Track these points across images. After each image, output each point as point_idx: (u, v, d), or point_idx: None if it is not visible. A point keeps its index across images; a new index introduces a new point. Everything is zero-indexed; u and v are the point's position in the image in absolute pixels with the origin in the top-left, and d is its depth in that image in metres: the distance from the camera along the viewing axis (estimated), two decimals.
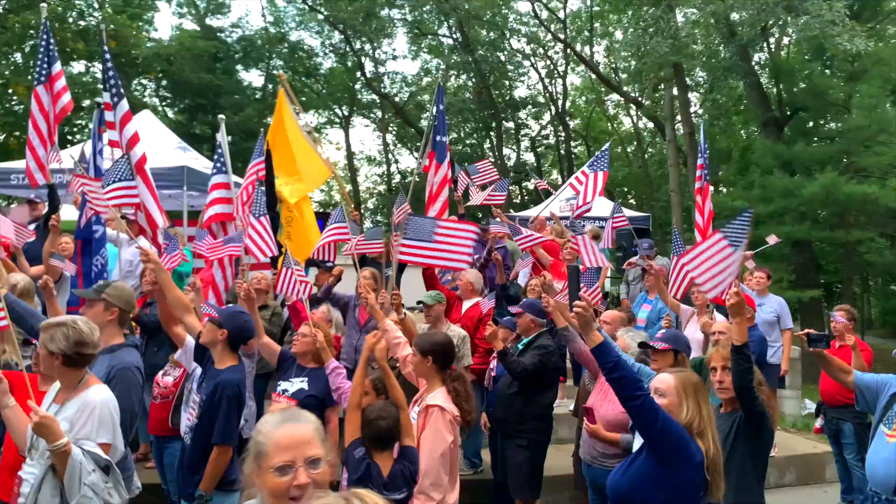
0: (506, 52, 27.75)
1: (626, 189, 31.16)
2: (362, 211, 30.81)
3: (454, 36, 28.13)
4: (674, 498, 2.82)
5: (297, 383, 4.70)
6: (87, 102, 26.53)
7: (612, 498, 3.00)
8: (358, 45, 28.57)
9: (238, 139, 27.73)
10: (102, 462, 3.00)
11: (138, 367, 3.90)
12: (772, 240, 7.45)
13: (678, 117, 20.19)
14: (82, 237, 5.76)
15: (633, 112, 29.95)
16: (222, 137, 6.12)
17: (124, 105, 5.86)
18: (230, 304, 5.09)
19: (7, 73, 23.24)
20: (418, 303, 6.33)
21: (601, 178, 7.69)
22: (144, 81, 28.52)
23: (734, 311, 3.54)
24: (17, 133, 22.60)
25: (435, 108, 7.31)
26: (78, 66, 26.37)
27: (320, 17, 27.45)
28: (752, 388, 3.42)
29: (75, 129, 23.83)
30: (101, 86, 6.21)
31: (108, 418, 3.08)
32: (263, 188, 6.34)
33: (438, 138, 6.99)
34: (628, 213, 16.42)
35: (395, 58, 31.30)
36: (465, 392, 3.87)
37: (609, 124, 32.67)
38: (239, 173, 12.54)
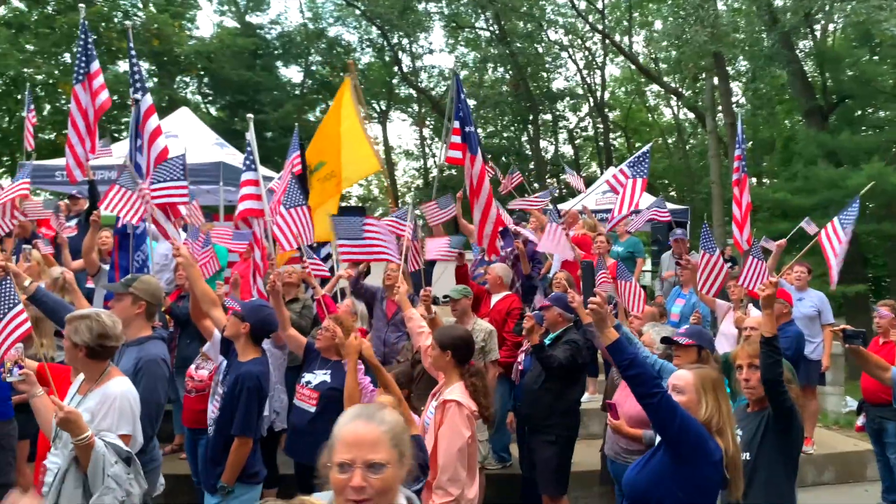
0: (543, 44, 27.50)
1: (666, 181, 30.61)
2: (400, 205, 30.93)
3: (491, 28, 28.00)
4: (692, 496, 2.77)
5: (321, 375, 4.75)
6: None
7: (629, 495, 2.96)
8: (395, 40, 28.67)
9: (277, 135, 28.14)
10: (124, 454, 3.08)
11: (164, 360, 3.98)
12: (810, 229, 7.24)
13: (719, 108, 19.73)
14: (119, 232, 5.90)
15: (673, 103, 29.43)
16: (251, 135, 6.20)
17: (148, 100, 5.97)
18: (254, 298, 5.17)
19: (56, 72, 23.93)
20: (445, 297, 6.33)
21: (640, 186, 7.27)
22: (186, 79, 29.10)
23: (765, 302, 3.52)
24: (66, 132, 23.30)
25: (455, 98, 7.20)
26: (123, 65, 27.11)
27: (357, 12, 27.60)
28: (781, 381, 3.34)
29: (122, 127, 24.39)
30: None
31: (127, 410, 3.15)
32: (296, 181, 6.40)
33: (467, 129, 6.90)
34: (671, 205, 16.17)
35: (431, 51, 31.28)
36: (484, 387, 3.85)
37: (649, 115, 32.16)
38: (277, 168, 12.72)
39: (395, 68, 29.71)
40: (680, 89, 26.08)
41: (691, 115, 28.18)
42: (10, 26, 23.40)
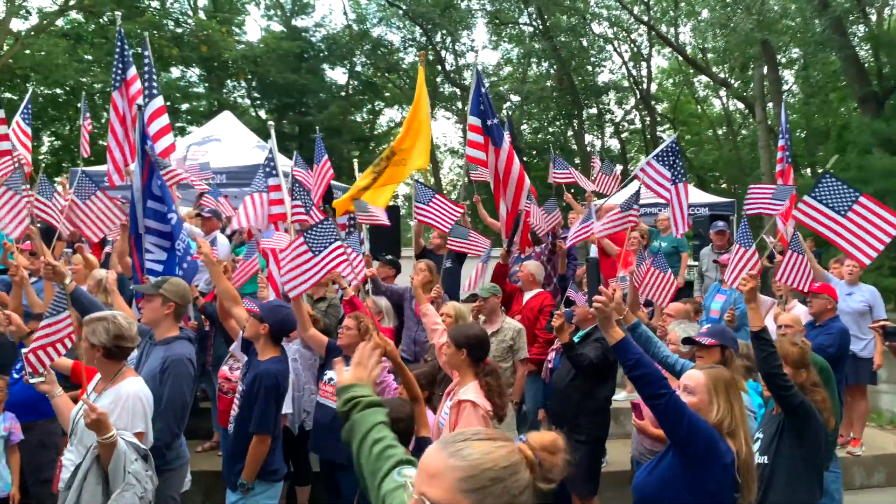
0: (587, 38, 27.14)
1: (716, 174, 29.86)
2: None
3: (534, 23, 27.78)
4: (702, 499, 2.69)
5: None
6: (185, 106, 28.03)
7: (638, 499, 2.89)
8: (438, 38, 28.71)
9: (323, 136, 28.50)
10: (142, 451, 3.17)
11: (191, 359, 4.09)
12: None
13: (769, 97, 19.14)
14: (134, 233, 6.04)
15: (722, 93, 28.67)
16: (272, 142, 6.34)
17: (158, 101, 6.11)
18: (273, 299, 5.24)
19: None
20: (472, 296, 6.31)
21: (683, 191, 6.66)
22: (235, 84, 29.73)
23: (748, 297, 3.51)
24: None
25: (475, 91, 7.12)
26: (176, 72, 27.89)
27: (400, 12, 27.74)
28: (780, 374, 3.22)
29: (174, 132, 25.06)
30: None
31: (140, 408, 3.25)
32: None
33: (489, 122, 6.84)
34: (715, 198, 15.77)
35: (473, 49, 31.20)
36: (499, 386, 3.83)
37: (698, 107, 31.41)
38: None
39: (438, 67, 29.74)
40: (729, 79, 25.40)
41: (741, 106, 27.44)
42: (69, 37, 24.31)
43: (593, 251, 8.74)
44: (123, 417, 3.15)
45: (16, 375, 5.14)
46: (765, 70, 19.21)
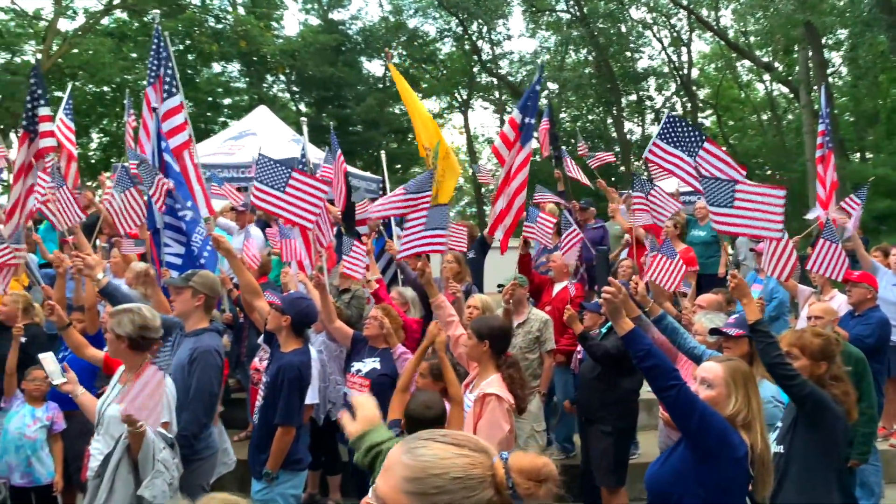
0: (626, 23, 26.71)
1: (760, 160, 29.11)
2: (483, 192, 30.98)
3: (571, 10, 27.44)
4: (714, 493, 2.65)
5: (370, 363, 4.86)
6: (227, 101, 28.53)
7: (650, 491, 2.86)
8: (474, 28, 28.59)
9: (362, 128, 28.74)
10: (169, 440, 3.28)
11: (218, 351, 4.18)
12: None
13: (814, 80, 18.56)
14: (152, 228, 6.17)
15: (766, 77, 27.91)
16: (305, 140, 6.42)
17: (177, 99, 6.17)
18: (293, 291, 5.32)
19: None
20: (499, 286, 6.30)
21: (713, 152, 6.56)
22: (274, 78, 30.12)
23: (737, 293, 3.59)
24: None
25: (530, 87, 7.06)
26: (217, 67, 28.41)
27: (435, 2, 27.70)
28: (782, 364, 3.15)
29: (216, 127, 25.53)
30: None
31: (164, 399, 3.35)
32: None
33: (527, 120, 6.78)
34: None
35: (509, 37, 31.01)
36: (521, 379, 3.83)
37: (741, 92, 30.63)
38: (350, 163, 13.01)
39: (475, 57, 29.64)
40: (773, 63, 24.72)
41: (786, 90, 26.67)
42: (114, 36, 24.93)
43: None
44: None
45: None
46: (809, 52, 18.64)
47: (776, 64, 24.58)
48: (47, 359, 3.70)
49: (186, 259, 5.64)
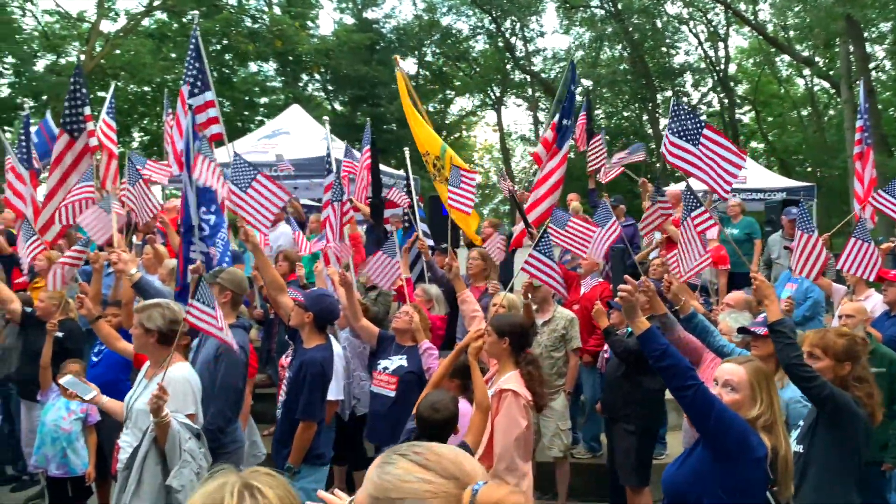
0: (661, 19, 26.35)
1: (800, 157, 28.45)
2: (518, 188, 30.85)
3: (606, 6, 27.19)
4: (733, 493, 2.61)
5: (397, 360, 4.89)
6: (264, 100, 28.95)
7: (667, 493, 2.82)
8: (507, 25, 28.52)
9: (396, 126, 28.88)
10: (195, 431, 3.37)
11: (243, 347, 4.27)
12: None
13: (855, 74, 18.09)
14: (186, 225, 6.28)
15: (806, 72, 27.27)
16: (328, 139, 6.48)
17: (207, 96, 6.24)
18: (316, 288, 5.38)
19: None
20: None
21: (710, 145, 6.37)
22: (310, 77, 30.45)
23: (759, 294, 3.55)
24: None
25: (566, 87, 6.98)
26: (253, 66, 28.82)
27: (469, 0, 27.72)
28: (799, 365, 3.09)
29: (253, 126, 25.94)
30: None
31: (190, 392, 3.44)
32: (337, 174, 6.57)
33: (566, 122, 6.74)
34: (792, 182, 15.08)
35: (542, 34, 30.83)
36: (539, 376, 3.83)
37: (780, 87, 29.97)
38: (384, 161, 13.07)
39: (508, 54, 29.55)
40: (813, 57, 24.14)
41: (827, 85, 26.04)
42: (154, 37, 25.48)
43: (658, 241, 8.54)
44: (175, 400, 3.34)
45: (94, 359, 5.51)
46: (850, 46, 18.16)
47: (816, 58, 24.00)
48: (69, 382, 3.85)
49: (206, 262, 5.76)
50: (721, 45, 28.23)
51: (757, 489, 2.64)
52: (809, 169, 27.29)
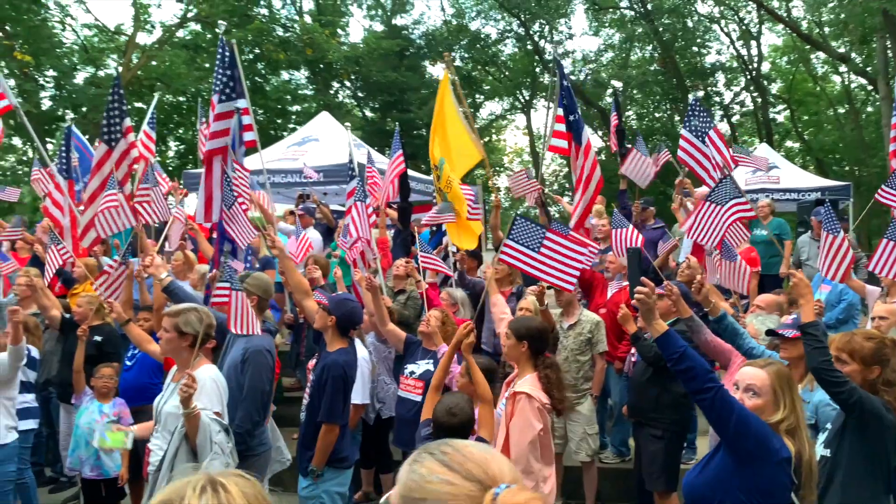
0: (691, 18, 26.03)
1: (837, 156, 27.83)
2: (548, 191, 30.75)
3: (635, 6, 26.97)
4: (755, 499, 2.58)
5: (423, 365, 4.92)
6: (296, 108, 29.29)
7: (689, 499, 2.78)
8: (536, 27, 28.44)
9: (426, 132, 28.96)
10: (224, 425, 3.44)
11: (269, 350, 4.36)
12: None
13: (893, 70, 17.65)
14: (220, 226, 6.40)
15: (842, 69, 26.66)
16: (350, 144, 6.56)
17: (240, 104, 6.34)
18: (341, 292, 5.44)
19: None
20: (548, 288, 6.26)
21: (715, 144, 6.09)
22: (340, 84, 30.74)
23: (796, 292, 3.41)
24: None
25: (559, 85, 6.98)
26: (285, 75, 29.20)
27: (497, 3, 27.72)
28: (829, 370, 3.03)
29: (284, 134, 26.27)
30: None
31: (216, 392, 3.52)
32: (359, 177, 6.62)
33: (572, 117, 6.72)
34: (827, 182, 14.78)
35: (571, 36, 30.72)
36: (558, 380, 3.82)
37: (816, 85, 29.35)
38: (415, 167, 13.14)
39: (537, 57, 29.48)
40: (849, 54, 23.60)
41: (864, 81, 25.43)
42: (188, 48, 25.97)
43: (687, 244, 8.45)
44: (202, 399, 3.42)
45: (128, 363, 5.65)
46: (888, 42, 17.73)
47: (853, 54, 23.45)
48: (106, 442, 4.03)
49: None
50: (753, 43, 27.79)
51: (780, 493, 2.60)
52: (847, 168, 26.67)
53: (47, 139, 21.59)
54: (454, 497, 1.28)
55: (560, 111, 6.78)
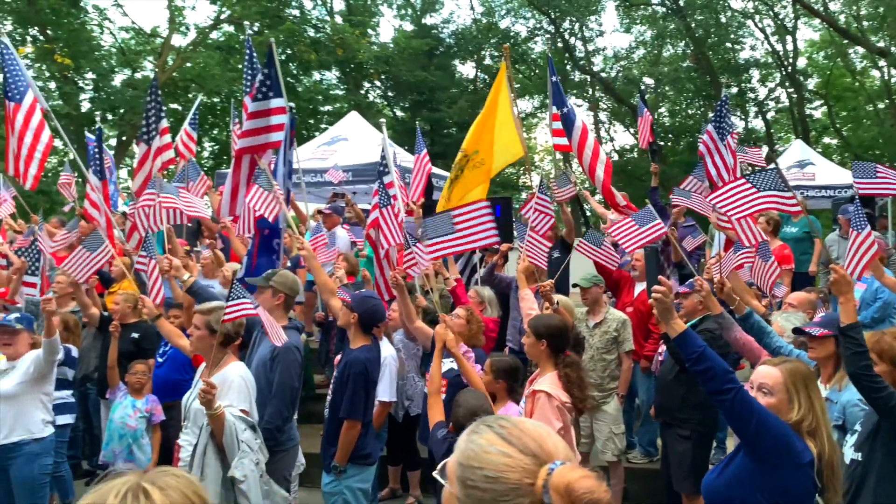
0: (725, 14, 25.62)
1: (877, 151, 27.10)
2: (580, 188, 30.56)
3: (667, 2, 26.64)
4: (775, 499, 2.55)
5: (448, 363, 4.94)
6: (328, 108, 29.55)
7: (708, 500, 2.76)
8: (566, 25, 28.27)
9: (455, 130, 29.02)
10: (250, 423, 3.51)
11: (298, 347, 4.42)
12: None
13: None
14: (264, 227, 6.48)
15: (882, 64, 25.96)
16: (385, 140, 6.59)
17: (275, 102, 6.34)
18: (363, 290, 5.49)
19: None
20: (574, 285, 6.26)
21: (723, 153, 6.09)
22: (370, 84, 30.93)
23: (835, 290, 3.24)
24: None
25: (549, 80, 7.02)
26: (316, 75, 29.47)
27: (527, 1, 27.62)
28: (867, 375, 2.95)
29: (316, 134, 26.52)
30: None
31: (244, 389, 3.59)
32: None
33: (565, 110, 6.71)
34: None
35: (601, 34, 30.42)
36: (578, 378, 3.80)
37: (854, 80, 28.63)
38: (445, 166, 13.19)
39: (567, 54, 29.30)
40: (890, 48, 22.99)
41: None
42: (221, 49, 26.37)
43: (719, 238, 8.34)
44: (230, 396, 3.50)
45: (159, 359, 5.79)
46: None
47: (892, 48, 22.84)
48: None
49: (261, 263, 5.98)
50: (789, 38, 27.24)
51: (804, 496, 2.56)
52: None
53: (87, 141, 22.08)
54: (510, 469, 1.31)
55: (555, 109, 6.76)
